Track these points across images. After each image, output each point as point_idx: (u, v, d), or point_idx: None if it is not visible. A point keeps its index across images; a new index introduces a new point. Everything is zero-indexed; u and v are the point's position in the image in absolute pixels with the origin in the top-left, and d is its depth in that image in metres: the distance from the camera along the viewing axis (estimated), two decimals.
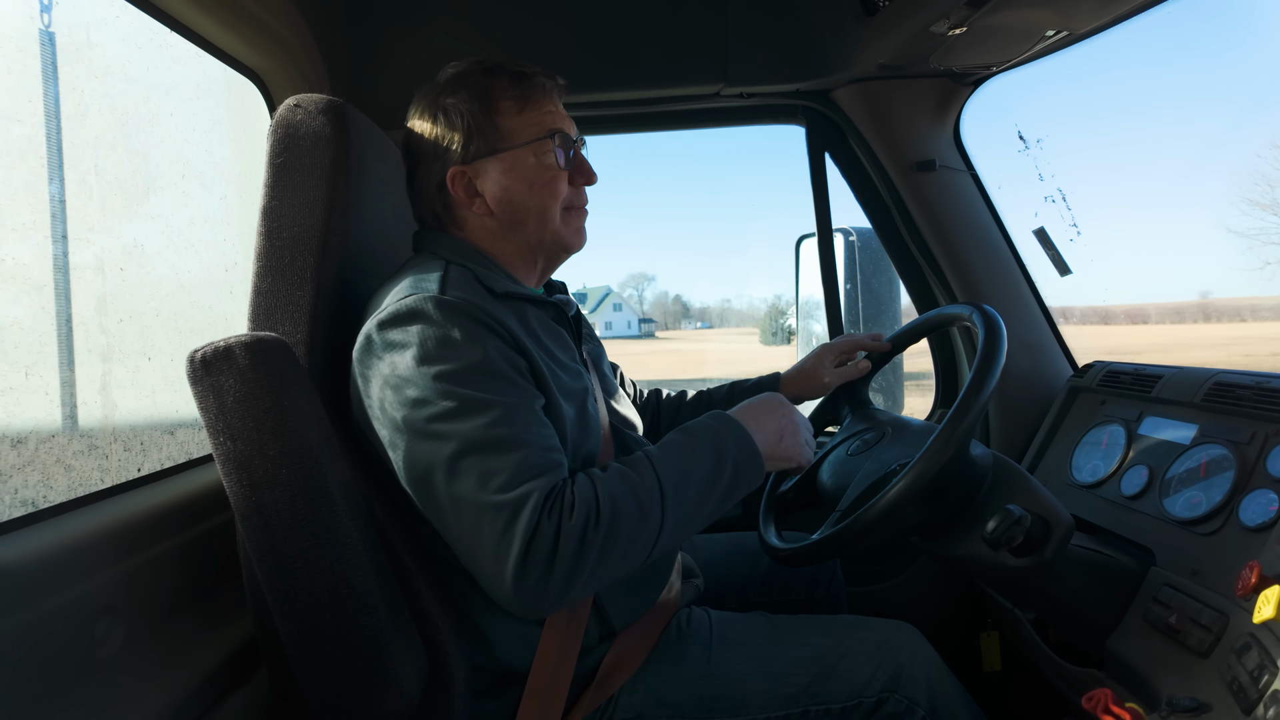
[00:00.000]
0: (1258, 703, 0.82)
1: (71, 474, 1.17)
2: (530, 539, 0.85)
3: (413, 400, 0.91)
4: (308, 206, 1.01)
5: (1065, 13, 1.30)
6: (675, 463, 0.97)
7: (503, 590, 0.87)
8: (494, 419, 0.89)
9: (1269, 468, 1.05)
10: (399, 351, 0.92)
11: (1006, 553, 1.04)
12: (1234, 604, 0.95)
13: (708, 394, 1.50)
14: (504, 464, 0.88)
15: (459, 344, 0.92)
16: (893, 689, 1.04)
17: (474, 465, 0.88)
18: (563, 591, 0.87)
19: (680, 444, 1.00)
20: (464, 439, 0.88)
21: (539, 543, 0.85)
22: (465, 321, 0.93)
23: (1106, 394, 1.46)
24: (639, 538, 0.91)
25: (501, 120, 1.07)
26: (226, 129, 1.60)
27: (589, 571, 0.88)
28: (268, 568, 0.89)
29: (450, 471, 0.89)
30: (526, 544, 0.85)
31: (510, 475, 0.87)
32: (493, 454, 0.88)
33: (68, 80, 1.15)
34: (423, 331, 0.92)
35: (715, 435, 1.01)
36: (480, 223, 1.10)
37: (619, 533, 0.89)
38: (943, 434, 1.01)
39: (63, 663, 0.81)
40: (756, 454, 1.02)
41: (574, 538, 0.86)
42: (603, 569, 0.89)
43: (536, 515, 0.86)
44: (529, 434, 0.91)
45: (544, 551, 0.85)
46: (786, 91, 1.74)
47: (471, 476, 0.88)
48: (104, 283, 1.24)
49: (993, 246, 1.71)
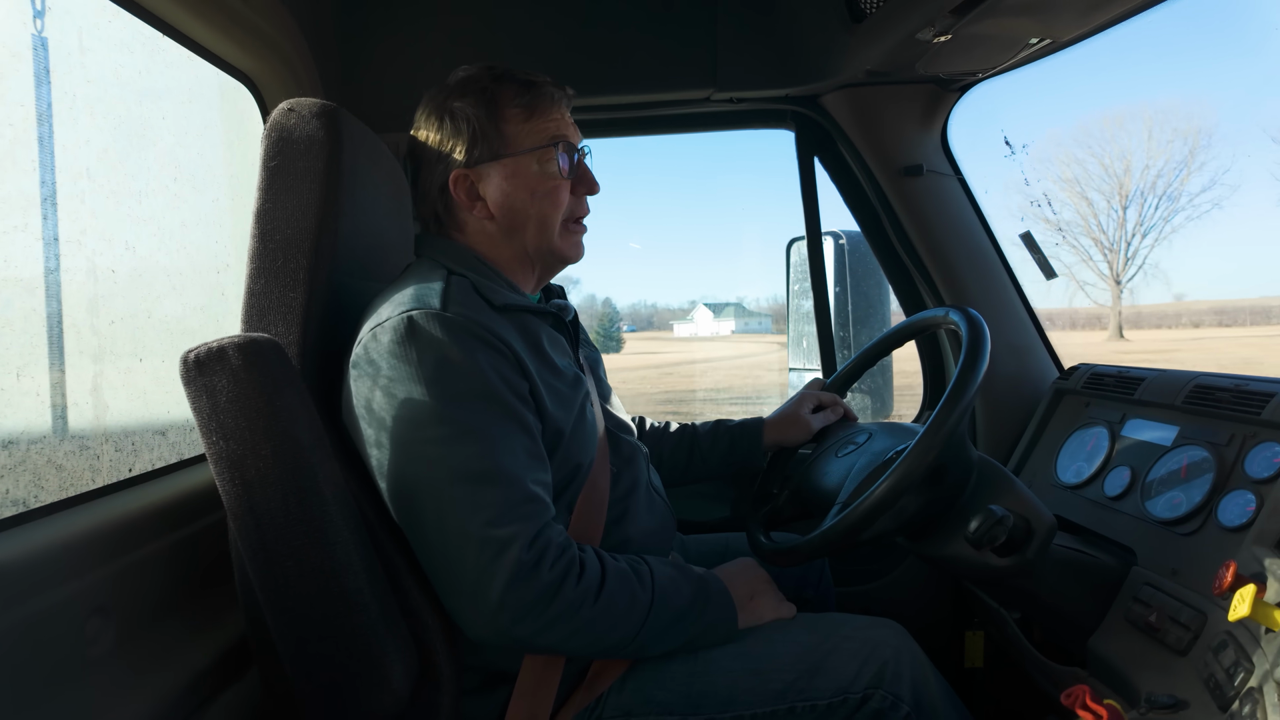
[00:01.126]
0: (1234, 699, 0.83)
1: (63, 474, 1.17)
2: (525, 576, 0.89)
3: (407, 419, 0.92)
4: (301, 209, 1.02)
5: (1048, 21, 1.32)
6: (669, 593, 1.02)
7: (480, 614, 0.90)
8: (486, 450, 0.92)
9: (1246, 469, 1.07)
10: (397, 366, 0.93)
11: (990, 552, 1.05)
12: (1212, 603, 0.97)
13: (691, 429, 1.51)
14: (493, 498, 0.90)
15: (458, 365, 0.93)
16: (878, 685, 1.05)
17: (462, 495, 0.90)
18: (536, 634, 0.92)
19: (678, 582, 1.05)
20: (455, 468, 0.91)
21: (535, 584, 0.89)
22: (466, 340, 0.94)
23: (1091, 396, 1.48)
24: (609, 638, 0.97)
25: (507, 127, 1.08)
26: (219, 132, 1.61)
27: (560, 633, 0.92)
28: (259, 567, 0.90)
29: (438, 498, 0.91)
30: (517, 579, 0.89)
31: (499, 511, 0.90)
32: (480, 486, 0.91)
33: (60, 85, 1.16)
34: (423, 349, 0.93)
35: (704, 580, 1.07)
36: (480, 226, 1.11)
37: (600, 623, 0.94)
38: (943, 410, 1.01)
39: (54, 662, 0.82)
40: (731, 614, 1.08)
41: (571, 600, 0.91)
42: (569, 639, 0.94)
43: (535, 556, 0.90)
44: (517, 469, 0.94)
45: (537, 592, 0.90)
46: (776, 97, 1.75)
47: (460, 506, 0.90)
48: (96, 284, 1.25)
49: (979, 250, 1.73)
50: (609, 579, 0.96)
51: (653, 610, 0.99)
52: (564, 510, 1.08)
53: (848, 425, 1.41)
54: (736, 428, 1.48)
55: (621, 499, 1.15)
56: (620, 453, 1.19)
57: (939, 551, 1.11)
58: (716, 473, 1.49)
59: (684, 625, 1.03)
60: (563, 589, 0.91)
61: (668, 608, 1.01)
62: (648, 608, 0.99)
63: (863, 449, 1.26)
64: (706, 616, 1.05)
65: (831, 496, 1.23)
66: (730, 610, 1.08)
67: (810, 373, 2.11)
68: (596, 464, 1.12)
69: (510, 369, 0.97)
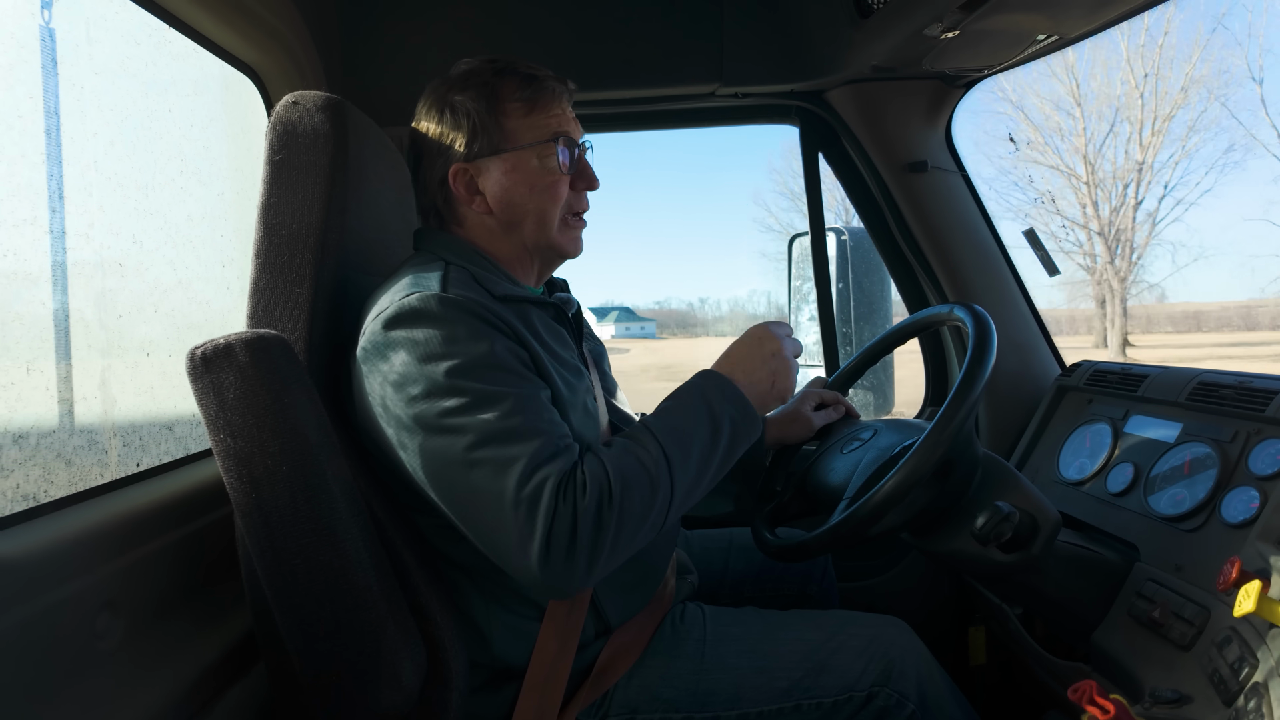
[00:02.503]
0: (1238, 694, 0.84)
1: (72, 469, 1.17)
2: (551, 523, 0.87)
3: (421, 397, 0.91)
4: (306, 203, 1.02)
5: (1057, 17, 1.31)
6: (673, 426, 0.98)
7: (530, 575, 0.88)
8: (506, 410, 0.91)
9: (1250, 466, 1.08)
10: (404, 350, 0.93)
11: (995, 548, 1.06)
12: (1215, 598, 0.98)
13: None
14: (519, 453, 0.89)
15: (464, 340, 0.93)
16: (883, 683, 1.05)
17: (490, 456, 0.89)
18: (589, 569, 0.89)
19: (673, 409, 1.01)
20: (478, 431, 0.89)
21: (559, 525, 0.87)
22: (469, 318, 0.94)
23: (1093, 393, 1.49)
24: (652, 505, 0.93)
25: (507, 121, 1.07)
26: (224, 125, 1.60)
27: (609, 545, 0.89)
28: (267, 563, 0.90)
29: (467, 464, 0.89)
30: (548, 528, 0.87)
31: (526, 463, 0.89)
32: (508, 444, 0.89)
33: (67, 77, 1.15)
34: (427, 329, 0.93)
35: (705, 395, 1.02)
36: (479, 220, 1.10)
37: (633, 504, 0.91)
38: (951, 404, 1.01)
39: (63, 656, 0.82)
40: (749, 408, 1.03)
41: (590, 516, 0.88)
42: (622, 540, 0.91)
43: (554, 500, 0.88)
44: (540, 422, 0.93)
45: (564, 533, 0.87)
46: (781, 92, 1.75)
47: (488, 468, 0.89)
48: (103, 278, 1.25)
49: (983, 247, 1.73)
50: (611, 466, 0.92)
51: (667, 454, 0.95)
52: None
53: (851, 422, 1.41)
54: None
55: None
56: None
57: (944, 547, 1.11)
58: None
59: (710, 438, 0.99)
60: (578, 513, 0.88)
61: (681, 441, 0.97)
62: (662, 455, 0.95)
63: (869, 445, 1.26)
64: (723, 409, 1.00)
65: (837, 493, 1.23)
66: (749, 415, 1.02)
67: (812, 369, 2.11)
68: None
69: (513, 343, 0.97)
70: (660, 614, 1.14)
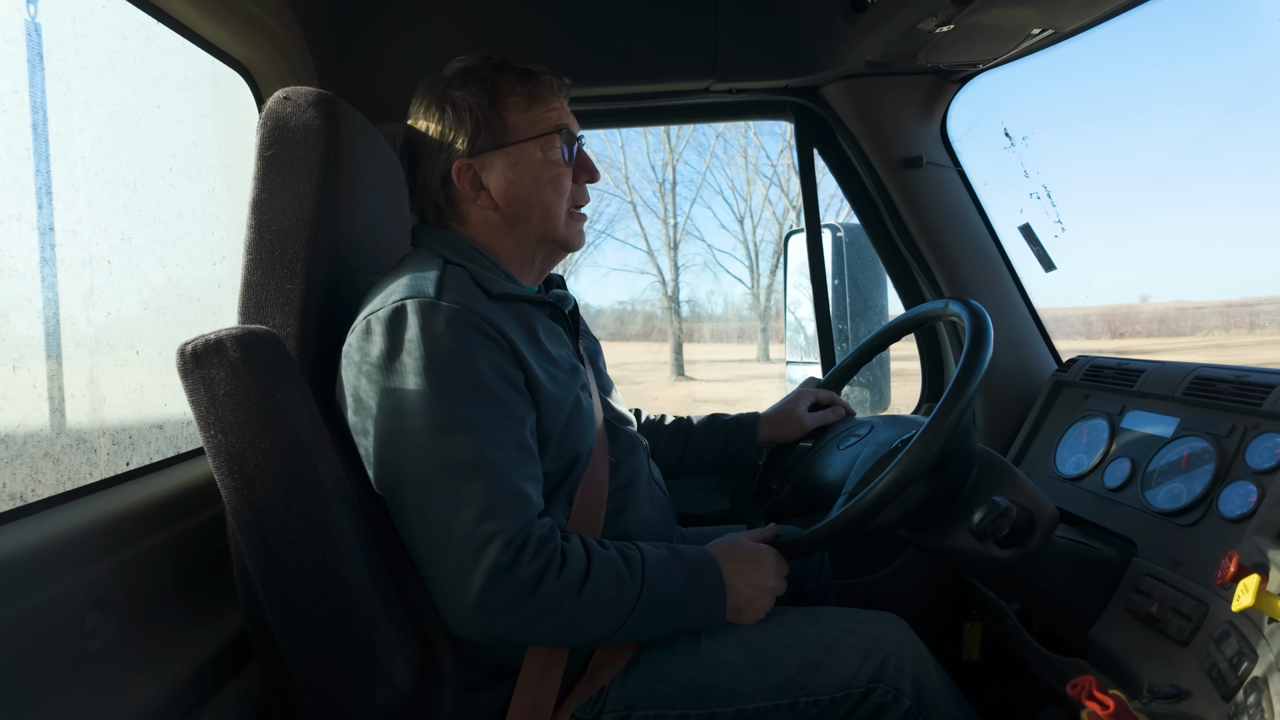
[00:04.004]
0: (1237, 689, 0.84)
1: (60, 467, 1.16)
2: (502, 574, 0.89)
3: (395, 409, 0.92)
4: (298, 200, 1.01)
5: (1051, 11, 1.31)
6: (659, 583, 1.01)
7: (458, 611, 0.91)
8: (473, 442, 0.91)
9: (1248, 460, 1.07)
10: (389, 354, 0.93)
11: (992, 544, 1.05)
12: (1213, 593, 0.97)
13: (687, 422, 1.51)
14: (477, 492, 0.90)
15: (450, 355, 0.93)
16: (880, 679, 1.05)
17: (447, 488, 0.90)
18: (515, 630, 0.92)
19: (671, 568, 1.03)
20: (440, 459, 0.90)
21: (513, 580, 0.89)
22: (460, 329, 0.94)
23: (1090, 388, 1.48)
24: (596, 628, 0.96)
25: (509, 115, 1.08)
26: (213, 122, 1.59)
27: (544, 627, 0.92)
28: (259, 561, 0.89)
29: (422, 489, 0.91)
30: (496, 577, 0.89)
31: (483, 506, 0.90)
32: (466, 479, 0.90)
33: (54, 72, 1.14)
34: (414, 337, 0.93)
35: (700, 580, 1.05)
36: (483, 216, 1.10)
37: (588, 615, 0.94)
38: (948, 400, 1.00)
39: (53, 656, 0.81)
40: (719, 614, 1.06)
41: (553, 593, 0.91)
42: (553, 631, 0.94)
43: (512, 553, 0.89)
44: (505, 464, 0.93)
45: (515, 589, 0.89)
46: (775, 87, 1.75)
47: (443, 499, 0.90)
48: (92, 275, 1.23)
49: (979, 242, 1.73)
50: (594, 570, 0.96)
51: (641, 600, 0.98)
52: (563, 501, 1.07)
53: (847, 420, 1.41)
54: (732, 422, 1.48)
55: (621, 490, 1.15)
56: (619, 444, 1.18)
57: (941, 543, 1.11)
58: (711, 466, 1.49)
59: (675, 614, 1.02)
60: (542, 584, 0.91)
61: (658, 596, 1.00)
62: (635, 598, 0.98)
63: (866, 440, 1.26)
64: (699, 604, 1.04)
65: (835, 489, 1.23)
66: (720, 600, 1.06)
67: (807, 366, 2.11)
68: (595, 455, 1.11)
69: (505, 359, 0.97)
70: None
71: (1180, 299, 24.02)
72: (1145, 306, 21.72)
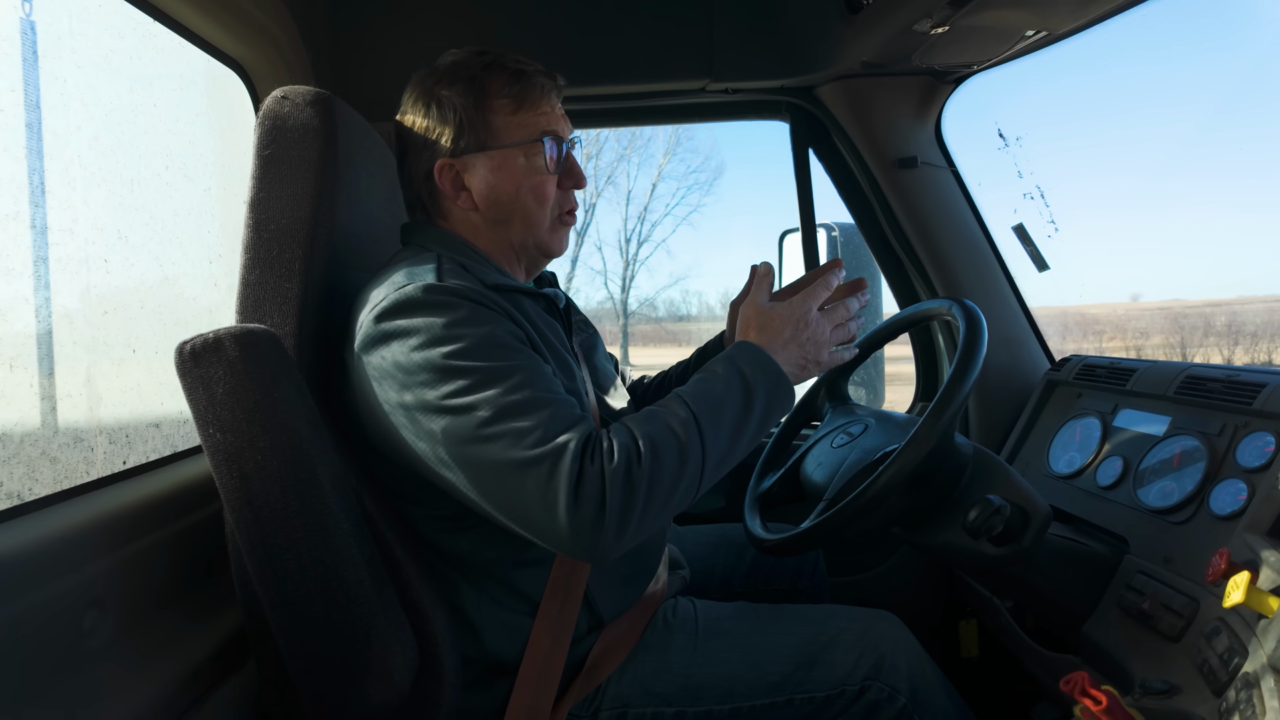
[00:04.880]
0: (1228, 685, 0.84)
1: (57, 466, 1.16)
2: (576, 484, 0.86)
3: (427, 383, 0.90)
4: (295, 199, 1.01)
5: (1045, 13, 1.32)
6: (706, 394, 0.96)
7: (560, 539, 0.87)
8: (514, 384, 0.90)
9: (1238, 458, 1.09)
10: (404, 340, 0.92)
11: (986, 541, 1.06)
12: (1204, 590, 0.98)
13: (682, 364, 1.45)
14: (534, 421, 0.88)
15: (464, 323, 0.92)
16: (875, 677, 1.05)
17: (505, 430, 0.88)
18: (619, 533, 0.87)
19: (707, 378, 0.99)
20: (489, 407, 0.88)
21: (586, 487, 0.86)
22: (466, 303, 0.93)
23: (1083, 387, 1.50)
24: (683, 473, 0.91)
25: (494, 118, 1.06)
26: (210, 120, 1.59)
27: (639, 510, 0.88)
28: (258, 559, 0.89)
29: (482, 440, 0.88)
30: (574, 490, 0.86)
31: (543, 430, 0.88)
32: (521, 415, 0.88)
33: (49, 70, 1.14)
34: (427, 317, 0.92)
35: (739, 365, 1.00)
36: (464, 216, 1.10)
37: (662, 470, 0.89)
38: (928, 420, 1.03)
39: (51, 655, 0.81)
40: (784, 380, 1.01)
41: (619, 479, 0.87)
42: (653, 506, 0.89)
43: (579, 462, 0.87)
44: (551, 393, 0.92)
45: (593, 495, 0.86)
46: (771, 88, 1.75)
47: (505, 440, 0.88)
48: (88, 274, 1.23)
49: (973, 242, 1.74)
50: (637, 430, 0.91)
51: (700, 421, 0.93)
52: None
53: (848, 411, 1.41)
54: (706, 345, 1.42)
55: None
56: None
57: (935, 541, 1.12)
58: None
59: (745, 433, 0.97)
60: (605, 474, 0.87)
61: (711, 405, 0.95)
62: (694, 422, 0.93)
63: (855, 443, 1.27)
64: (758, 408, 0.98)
65: (820, 489, 1.24)
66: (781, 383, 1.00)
67: None
68: None
69: (515, 329, 0.97)
70: (652, 609, 1.14)
71: (1164, 299, 23.66)
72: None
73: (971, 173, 1.74)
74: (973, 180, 1.74)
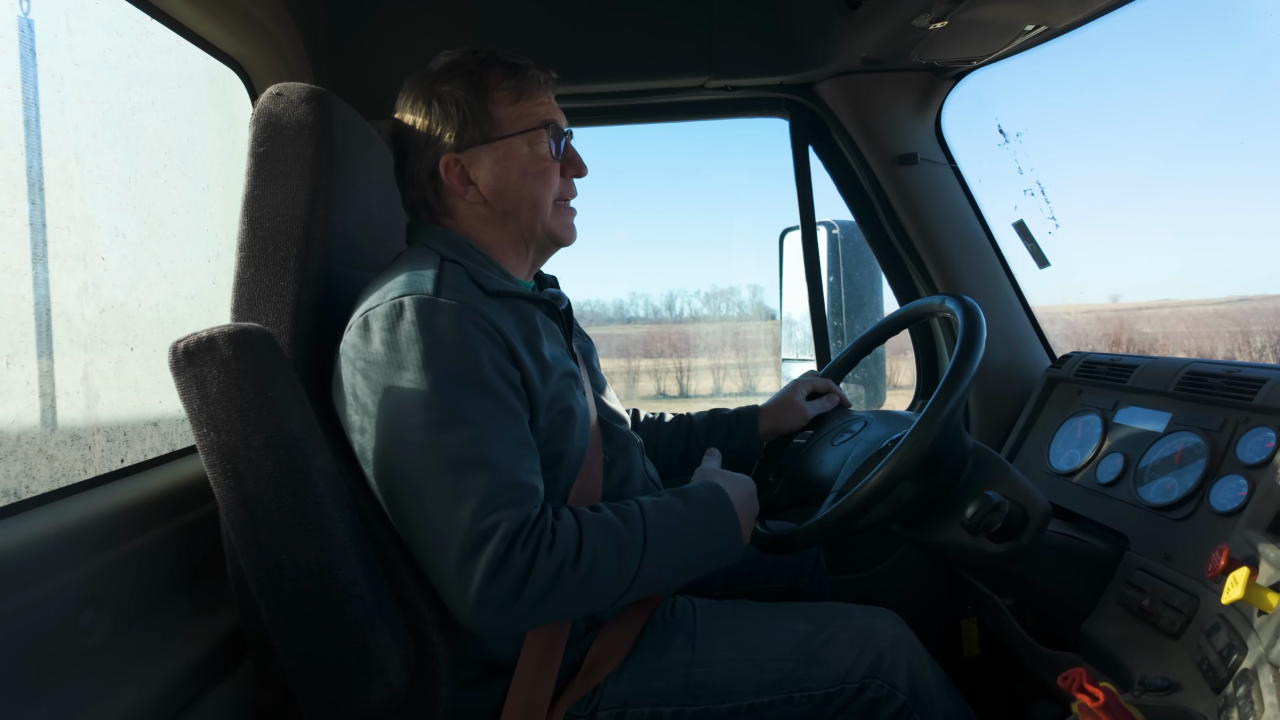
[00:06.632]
0: (1227, 681, 0.84)
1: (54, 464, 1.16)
2: (497, 568, 0.87)
3: (395, 405, 0.91)
4: (290, 196, 1.01)
5: (1044, 7, 1.31)
6: (667, 531, 0.99)
7: (461, 608, 0.90)
8: (472, 437, 0.91)
9: (1239, 454, 1.08)
10: (388, 351, 0.92)
11: (985, 538, 1.06)
12: (1204, 586, 0.98)
13: (687, 419, 1.50)
14: (476, 486, 0.89)
15: (449, 350, 0.92)
16: (874, 674, 1.05)
17: (446, 484, 0.89)
18: (519, 619, 0.90)
19: (678, 512, 1.01)
20: (441, 455, 0.90)
21: (507, 572, 0.88)
22: (459, 326, 0.93)
23: (1084, 384, 1.49)
24: (608, 590, 0.94)
25: (496, 110, 1.07)
26: (208, 118, 1.59)
27: (551, 607, 0.91)
28: (253, 559, 0.89)
29: (422, 485, 0.90)
30: (492, 572, 0.87)
31: (481, 500, 0.89)
32: (467, 474, 0.89)
33: (47, 68, 1.14)
34: (414, 334, 0.92)
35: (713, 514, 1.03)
36: (472, 211, 1.10)
37: (591, 584, 0.92)
38: (938, 400, 1.01)
39: (47, 652, 0.81)
40: (737, 541, 1.04)
41: (547, 574, 0.89)
42: (563, 608, 0.92)
43: (506, 544, 0.88)
44: (506, 458, 0.92)
45: (511, 580, 0.88)
46: (770, 85, 1.75)
47: (444, 495, 0.89)
48: (85, 272, 1.23)
49: (973, 239, 1.74)
50: (587, 536, 0.93)
51: (647, 550, 0.96)
52: (558, 500, 1.07)
53: (843, 413, 1.41)
54: (733, 416, 1.48)
55: (616, 488, 1.15)
56: (614, 442, 1.18)
57: (935, 538, 1.12)
58: None
59: (691, 553, 1.00)
60: (534, 567, 0.89)
61: (667, 541, 0.97)
62: (640, 551, 0.95)
63: (858, 437, 1.26)
64: (712, 537, 1.02)
65: (827, 485, 1.23)
66: (735, 528, 1.04)
67: (803, 363, 2.11)
68: (589, 453, 1.11)
69: (502, 356, 0.97)
70: (650, 607, 1.13)
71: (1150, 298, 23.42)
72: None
73: (971, 169, 1.73)
74: (973, 177, 1.74)
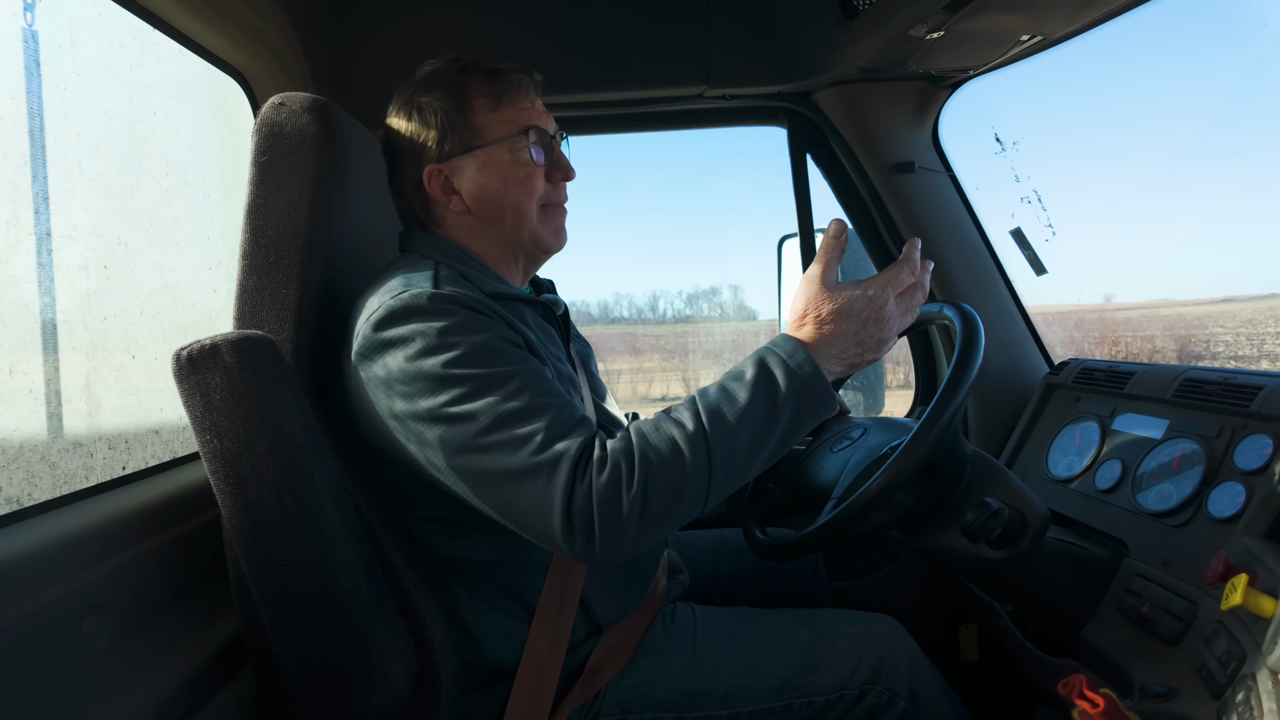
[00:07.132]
0: (1226, 687, 0.84)
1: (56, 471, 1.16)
2: (569, 497, 0.85)
3: (426, 391, 0.90)
4: (292, 205, 1.01)
5: (1040, 18, 1.33)
6: (723, 404, 0.91)
7: (558, 548, 0.87)
8: (510, 390, 0.89)
9: (1236, 461, 1.08)
10: (401, 348, 0.92)
11: (985, 545, 1.06)
12: (1203, 593, 0.98)
13: None
14: (532, 428, 0.88)
15: (460, 330, 0.92)
16: (874, 681, 1.05)
17: (501, 439, 0.87)
18: (612, 548, 0.86)
19: (729, 385, 0.93)
20: (487, 415, 0.88)
21: (577, 502, 0.85)
22: (463, 311, 0.93)
23: (1081, 390, 1.50)
24: (684, 488, 0.88)
25: (475, 118, 1.07)
26: (209, 127, 1.60)
27: (633, 529, 0.86)
28: (255, 566, 0.89)
29: (479, 449, 0.88)
30: (566, 502, 0.85)
31: (542, 438, 0.87)
32: (518, 423, 0.88)
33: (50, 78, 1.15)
34: (423, 325, 0.92)
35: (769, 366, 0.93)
36: (458, 220, 1.10)
37: (658, 487, 0.87)
38: (938, 403, 1.00)
39: (48, 660, 0.81)
40: (821, 382, 0.93)
41: (607, 501, 0.85)
42: (648, 524, 0.87)
43: (571, 473, 0.86)
44: (550, 397, 0.91)
45: (583, 509, 0.85)
46: (768, 93, 1.76)
47: (501, 450, 0.87)
48: (88, 280, 1.24)
49: (971, 246, 1.74)
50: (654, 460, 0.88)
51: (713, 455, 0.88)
52: None
53: (843, 420, 1.42)
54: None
55: None
56: None
57: (934, 544, 1.12)
58: None
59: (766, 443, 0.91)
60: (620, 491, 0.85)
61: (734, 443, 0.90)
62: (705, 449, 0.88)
63: (857, 444, 1.27)
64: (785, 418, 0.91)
65: (826, 491, 1.24)
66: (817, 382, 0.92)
67: None
68: None
69: (513, 335, 0.96)
70: (651, 614, 1.14)
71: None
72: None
73: (969, 177, 1.74)
74: (970, 184, 1.75)
